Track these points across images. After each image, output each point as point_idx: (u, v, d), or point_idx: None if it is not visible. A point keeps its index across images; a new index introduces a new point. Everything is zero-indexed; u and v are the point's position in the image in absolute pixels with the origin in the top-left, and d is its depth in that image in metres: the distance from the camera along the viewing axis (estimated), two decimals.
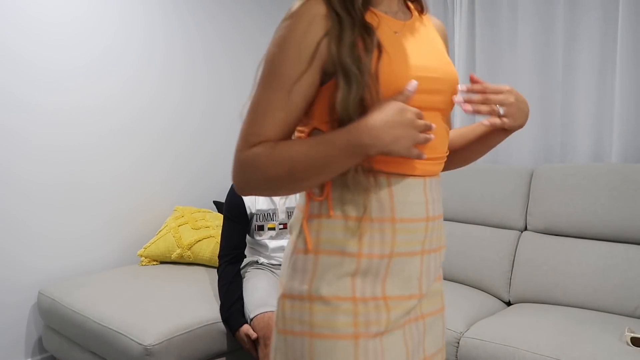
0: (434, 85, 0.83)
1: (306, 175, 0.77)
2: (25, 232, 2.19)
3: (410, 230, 0.83)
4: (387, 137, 0.74)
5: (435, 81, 0.83)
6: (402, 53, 0.81)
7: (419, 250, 0.84)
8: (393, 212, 0.82)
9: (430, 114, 0.84)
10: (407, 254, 0.83)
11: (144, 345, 1.67)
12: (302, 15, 0.78)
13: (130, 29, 2.50)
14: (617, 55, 2.08)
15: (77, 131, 2.33)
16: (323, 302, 0.80)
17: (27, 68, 2.16)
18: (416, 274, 0.85)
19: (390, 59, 0.79)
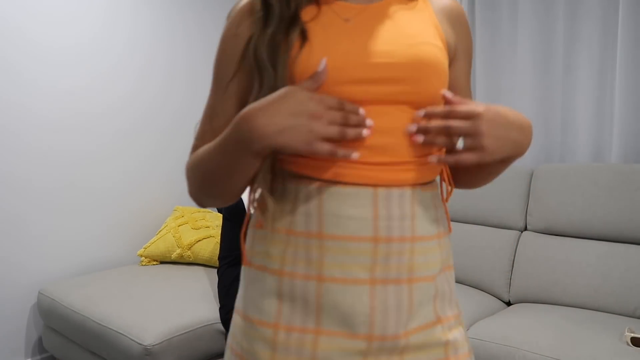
0: (385, 73, 0.67)
1: (215, 176, 0.70)
2: (26, 232, 2.19)
3: (347, 250, 0.67)
4: (269, 127, 0.61)
5: (386, 67, 0.67)
6: (335, 42, 0.69)
7: (365, 279, 0.67)
8: (321, 227, 0.68)
9: (387, 108, 0.68)
10: (343, 280, 0.67)
11: (144, 345, 1.67)
12: (234, 13, 0.74)
13: (132, 32, 2.50)
14: (617, 55, 2.08)
15: (78, 132, 2.33)
16: (248, 323, 0.72)
17: (29, 70, 2.16)
18: (362, 309, 0.66)
19: (312, 51, 0.68)
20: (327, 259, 0.67)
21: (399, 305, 0.68)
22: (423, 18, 0.74)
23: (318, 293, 0.68)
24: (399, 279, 0.68)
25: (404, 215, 0.69)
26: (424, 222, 0.71)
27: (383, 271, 0.68)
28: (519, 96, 2.39)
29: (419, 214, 0.71)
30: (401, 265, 0.68)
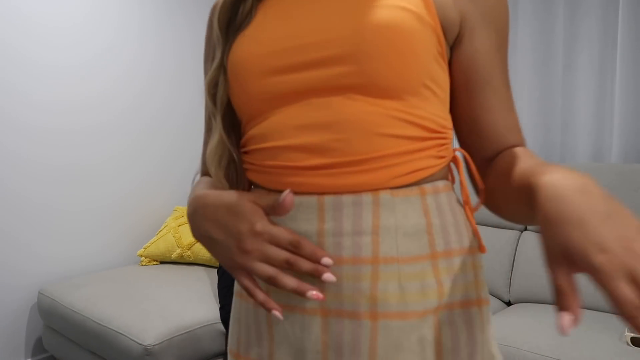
0: (319, 53, 0.54)
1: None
2: (26, 233, 2.19)
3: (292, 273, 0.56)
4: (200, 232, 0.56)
5: (320, 46, 0.54)
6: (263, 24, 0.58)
7: (315, 308, 0.55)
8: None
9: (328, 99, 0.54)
10: (291, 308, 0.56)
11: (144, 345, 1.67)
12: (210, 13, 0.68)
13: (138, 41, 2.50)
14: (617, 55, 2.08)
15: (79, 132, 2.33)
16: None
17: (26, 83, 2.16)
18: (313, 345, 0.55)
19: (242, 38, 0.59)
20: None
21: (355, 346, 0.53)
22: None
23: (268, 321, 0.59)
24: (357, 312, 0.53)
25: (360, 229, 0.54)
26: (399, 237, 0.54)
27: (335, 300, 0.54)
28: (519, 96, 2.39)
29: (390, 227, 0.54)
30: (358, 295, 0.53)
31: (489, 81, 0.60)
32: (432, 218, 0.57)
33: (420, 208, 0.56)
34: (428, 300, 0.54)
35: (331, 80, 0.54)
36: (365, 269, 0.54)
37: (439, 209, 0.57)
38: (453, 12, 0.57)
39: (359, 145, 0.54)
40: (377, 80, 0.53)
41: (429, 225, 0.56)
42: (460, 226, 0.59)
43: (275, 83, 0.56)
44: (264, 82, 0.57)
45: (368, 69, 0.53)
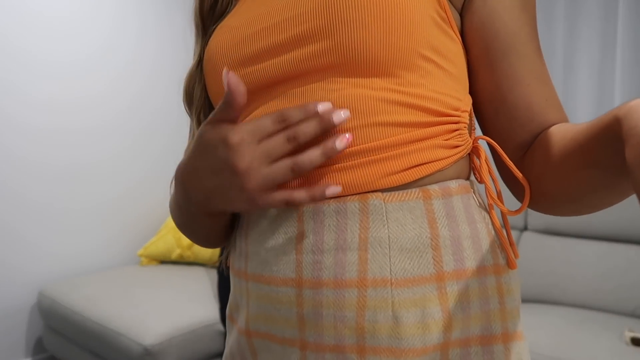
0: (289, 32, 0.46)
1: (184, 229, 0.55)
2: (26, 233, 2.19)
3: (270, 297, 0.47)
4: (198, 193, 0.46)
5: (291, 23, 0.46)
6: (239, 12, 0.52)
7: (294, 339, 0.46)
8: (246, 262, 0.50)
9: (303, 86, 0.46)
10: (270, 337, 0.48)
11: (144, 345, 1.67)
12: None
13: (136, 41, 2.50)
14: (617, 55, 2.08)
15: (79, 132, 2.33)
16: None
17: (26, 82, 2.16)
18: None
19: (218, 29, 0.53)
20: (252, 308, 0.49)
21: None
22: None
23: (252, 350, 0.51)
24: (341, 346, 0.44)
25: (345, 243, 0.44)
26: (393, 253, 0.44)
27: (314, 331, 0.45)
28: None
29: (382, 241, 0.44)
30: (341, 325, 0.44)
31: (513, 46, 0.47)
32: (440, 229, 0.44)
33: (423, 215, 0.44)
34: (430, 335, 0.43)
35: (307, 61, 0.45)
36: (350, 294, 0.43)
37: (450, 216, 0.45)
38: None
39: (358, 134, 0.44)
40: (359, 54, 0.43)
41: (434, 238, 0.44)
42: (481, 238, 0.46)
43: (247, 74, 0.47)
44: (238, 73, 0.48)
45: (346, 41, 0.43)
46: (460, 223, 0.45)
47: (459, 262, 0.44)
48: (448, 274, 0.44)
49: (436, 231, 0.44)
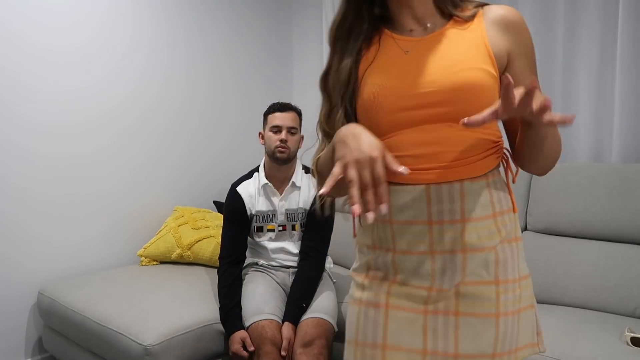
0: (430, 99, 0.86)
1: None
2: (26, 233, 2.19)
3: (409, 231, 0.90)
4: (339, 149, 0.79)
5: (430, 95, 0.86)
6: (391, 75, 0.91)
7: (426, 250, 0.89)
8: (390, 215, 0.91)
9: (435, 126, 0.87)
10: (410, 252, 0.90)
11: (144, 345, 1.67)
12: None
13: (134, 33, 2.50)
14: (617, 55, 2.08)
15: (79, 133, 2.33)
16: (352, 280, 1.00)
17: (27, 73, 2.16)
18: (425, 271, 0.89)
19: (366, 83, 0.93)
20: (397, 238, 0.91)
21: (454, 268, 0.88)
22: (473, 41, 0.89)
23: (393, 260, 0.92)
24: (454, 250, 0.88)
25: (453, 203, 0.87)
26: (474, 206, 0.88)
27: (439, 244, 0.88)
28: None
29: (469, 201, 0.88)
30: (455, 240, 0.87)
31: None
32: (491, 194, 0.90)
33: (484, 189, 0.89)
34: (493, 240, 0.89)
35: (437, 115, 0.87)
36: (458, 226, 0.87)
37: (492, 188, 0.91)
38: (504, 56, 0.90)
39: (452, 155, 0.87)
40: (464, 115, 0.79)
41: (488, 198, 0.89)
42: (506, 196, 0.93)
43: (402, 117, 0.89)
44: (394, 116, 0.89)
45: (459, 110, 0.85)
46: (497, 189, 0.92)
47: (500, 207, 0.91)
48: (496, 214, 0.90)
49: (489, 195, 0.90)
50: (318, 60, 3.24)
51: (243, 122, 3.07)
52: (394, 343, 0.89)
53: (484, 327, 0.87)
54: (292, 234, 2.04)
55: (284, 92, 3.33)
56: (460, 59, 0.87)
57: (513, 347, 0.90)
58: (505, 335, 0.88)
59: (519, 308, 0.92)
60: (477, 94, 0.85)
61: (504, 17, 0.90)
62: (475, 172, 0.88)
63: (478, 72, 0.86)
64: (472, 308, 0.88)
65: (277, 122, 1.96)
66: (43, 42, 2.20)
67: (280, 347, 1.71)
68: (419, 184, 0.88)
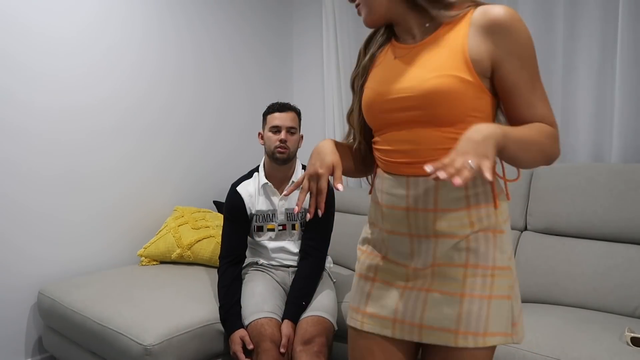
0: (405, 104, 0.98)
1: None
2: (26, 233, 2.19)
3: (393, 215, 1.04)
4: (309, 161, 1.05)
5: (406, 100, 0.97)
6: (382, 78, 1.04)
7: (405, 232, 1.02)
8: (381, 199, 1.07)
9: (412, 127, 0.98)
10: (394, 232, 1.04)
11: (144, 345, 1.67)
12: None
13: (143, 34, 2.50)
14: (617, 55, 2.08)
15: (79, 133, 2.33)
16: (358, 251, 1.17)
17: (38, 71, 2.16)
18: (405, 250, 1.03)
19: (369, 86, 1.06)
20: (385, 219, 1.05)
21: (427, 250, 1.00)
22: (452, 48, 0.94)
23: (383, 238, 1.07)
24: (427, 235, 1.00)
25: (428, 194, 0.98)
26: (447, 198, 0.97)
27: (415, 229, 1.01)
28: None
29: (442, 193, 0.97)
30: (427, 226, 0.99)
31: (514, 91, 0.95)
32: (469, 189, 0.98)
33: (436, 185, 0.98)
34: (464, 230, 0.98)
35: (413, 118, 0.97)
36: (430, 214, 0.98)
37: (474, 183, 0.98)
38: (486, 61, 0.93)
39: (426, 152, 0.97)
40: (436, 119, 0.95)
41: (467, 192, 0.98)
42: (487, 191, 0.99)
43: (387, 118, 1.02)
44: (381, 116, 1.03)
45: (431, 113, 0.96)
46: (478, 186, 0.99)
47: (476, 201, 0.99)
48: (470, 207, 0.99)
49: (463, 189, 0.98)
50: (318, 58, 3.24)
51: (244, 122, 3.07)
52: (372, 311, 1.05)
53: (448, 304, 0.97)
54: (292, 233, 2.04)
55: (284, 90, 3.33)
56: (435, 67, 0.94)
57: (481, 330, 0.96)
58: (470, 315, 0.96)
59: (489, 294, 0.97)
60: (445, 99, 0.93)
61: (491, 21, 0.92)
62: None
63: (448, 79, 0.92)
64: (440, 286, 0.98)
65: (277, 122, 1.96)
66: (45, 27, 2.19)
67: (280, 345, 1.71)
68: (402, 175, 1.01)
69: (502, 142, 0.85)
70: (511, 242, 1.03)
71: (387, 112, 1.00)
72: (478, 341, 0.96)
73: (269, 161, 2.01)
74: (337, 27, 3.03)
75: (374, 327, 1.05)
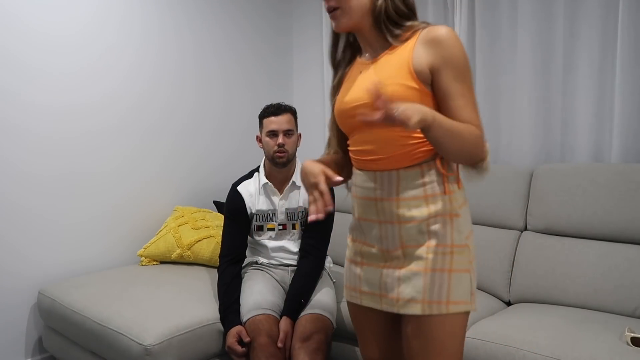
0: (360, 110, 1.14)
1: None
2: (25, 233, 2.19)
3: (365, 204, 1.22)
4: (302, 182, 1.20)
5: (361, 107, 1.15)
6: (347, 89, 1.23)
7: (375, 220, 1.20)
8: (355, 192, 1.25)
9: (374, 129, 1.15)
10: (366, 219, 1.23)
11: (144, 345, 1.67)
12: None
13: (144, 34, 2.50)
14: (617, 55, 2.08)
15: (79, 133, 2.33)
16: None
17: (38, 70, 2.16)
18: (376, 235, 1.21)
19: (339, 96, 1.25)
20: (358, 208, 1.24)
21: (393, 234, 1.18)
22: (399, 62, 1.13)
23: (360, 225, 1.25)
24: (392, 221, 1.17)
25: (391, 185, 1.16)
26: (407, 188, 1.15)
27: (383, 216, 1.18)
28: (519, 95, 2.39)
29: (403, 184, 1.15)
30: (392, 213, 1.17)
31: (448, 96, 1.11)
32: (426, 179, 1.15)
33: (417, 176, 1.15)
34: (422, 216, 1.14)
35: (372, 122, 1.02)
36: (393, 203, 1.16)
37: (430, 175, 1.15)
38: (426, 70, 1.10)
39: (385, 149, 1.15)
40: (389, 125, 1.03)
41: (424, 182, 1.15)
42: (441, 181, 1.15)
43: (352, 122, 1.20)
44: (348, 122, 1.21)
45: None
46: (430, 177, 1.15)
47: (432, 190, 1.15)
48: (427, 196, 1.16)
49: (421, 180, 1.15)
50: (318, 55, 3.25)
51: (245, 122, 3.07)
52: (365, 289, 1.25)
53: (416, 278, 1.14)
54: (292, 232, 2.04)
55: (284, 87, 3.33)
56: (386, 77, 1.13)
57: (443, 299, 1.13)
58: (432, 286, 1.13)
59: (449, 268, 1.14)
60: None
61: (433, 37, 1.11)
62: (408, 162, 1.14)
63: (397, 87, 1.10)
64: (408, 264, 1.16)
65: (273, 126, 1.96)
66: (44, 25, 2.19)
67: (277, 340, 1.71)
68: (369, 170, 1.19)
69: (430, 119, 1.00)
70: (468, 223, 1.20)
71: (352, 117, 1.18)
72: (442, 309, 1.12)
73: (269, 163, 2.01)
74: None
75: (369, 302, 1.24)
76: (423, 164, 1.14)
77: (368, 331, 1.31)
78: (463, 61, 1.10)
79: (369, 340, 1.32)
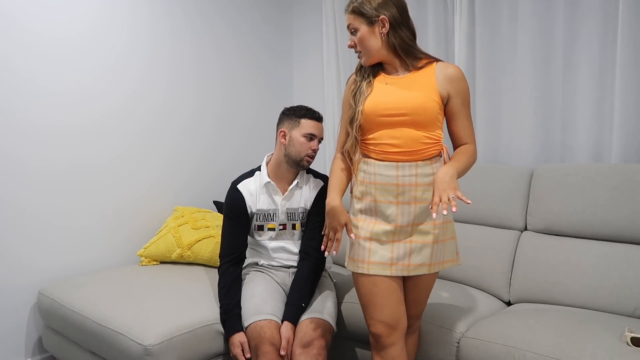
0: (397, 112, 1.51)
1: None
2: (25, 233, 2.19)
3: (385, 189, 1.54)
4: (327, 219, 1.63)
5: (397, 109, 1.51)
6: (379, 95, 1.55)
7: (394, 201, 1.53)
8: (375, 179, 1.55)
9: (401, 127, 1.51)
10: (384, 202, 1.54)
11: (144, 346, 1.67)
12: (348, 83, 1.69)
13: (142, 35, 2.50)
14: (617, 55, 2.08)
15: (79, 133, 2.33)
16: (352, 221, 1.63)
17: (38, 69, 2.16)
18: (392, 214, 1.53)
19: (370, 99, 1.55)
20: (377, 192, 1.55)
21: (409, 212, 1.53)
22: (426, 82, 1.53)
23: (375, 207, 1.56)
24: (410, 202, 1.52)
25: (411, 174, 1.52)
26: (423, 177, 1.52)
27: (402, 197, 1.53)
28: (519, 95, 2.39)
29: (420, 173, 1.52)
30: (410, 196, 1.52)
31: (456, 116, 1.57)
32: (435, 170, 1.53)
33: (429, 166, 1.53)
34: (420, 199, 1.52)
35: (402, 121, 1.51)
36: (413, 187, 1.52)
37: (435, 167, 1.54)
38: (445, 94, 1.54)
39: (410, 144, 1.51)
40: (417, 123, 1.51)
41: (433, 173, 1.52)
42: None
43: (383, 121, 1.53)
44: (379, 120, 1.53)
45: (414, 119, 1.51)
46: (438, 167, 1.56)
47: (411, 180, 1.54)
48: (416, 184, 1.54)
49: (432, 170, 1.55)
50: (318, 56, 3.24)
51: (246, 122, 3.07)
52: (374, 260, 1.54)
53: (425, 248, 1.54)
54: (292, 233, 2.04)
55: (284, 89, 3.33)
56: (417, 91, 1.51)
57: (440, 260, 1.57)
58: (437, 253, 1.56)
59: (444, 239, 1.57)
60: (424, 111, 1.50)
61: (449, 74, 1.54)
62: (425, 157, 1.52)
63: (426, 99, 1.50)
64: (418, 238, 1.54)
65: (314, 130, 1.94)
66: (44, 31, 2.19)
67: (279, 348, 1.71)
68: (392, 161, 1.53)
69: (457, 173, 1.42)
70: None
71: (384, 117, 1.52)
72: (439, 267, 1.58)
73: (283, 162, 1.98)
74: (337, 26, 3.03)
75: (377, 270, 1.53)
76: (433, 159, 1.54)
77: (378, 296, 1.54)
78: (468, 92, 1.56)
79: (379, 302, 1.54)
